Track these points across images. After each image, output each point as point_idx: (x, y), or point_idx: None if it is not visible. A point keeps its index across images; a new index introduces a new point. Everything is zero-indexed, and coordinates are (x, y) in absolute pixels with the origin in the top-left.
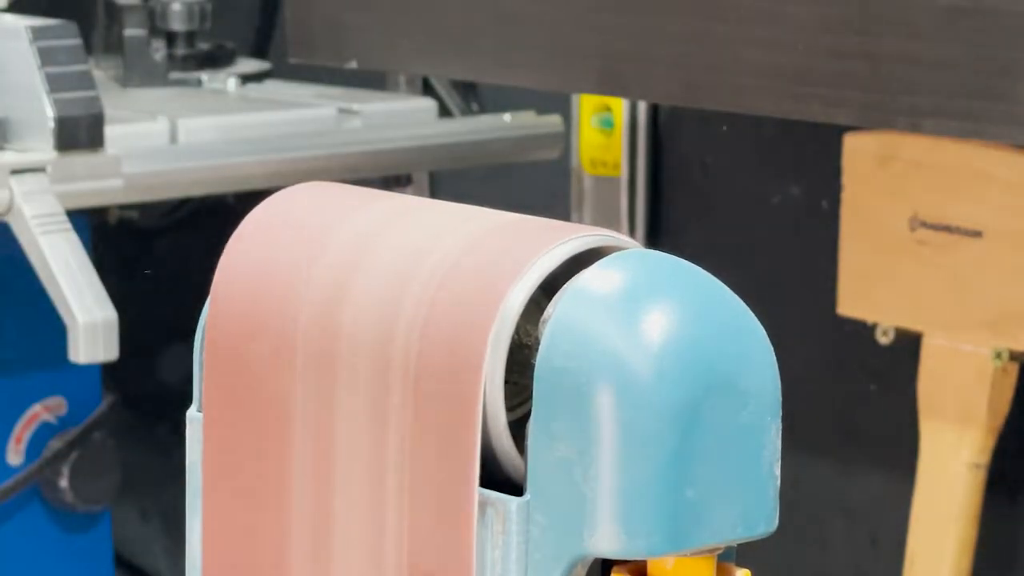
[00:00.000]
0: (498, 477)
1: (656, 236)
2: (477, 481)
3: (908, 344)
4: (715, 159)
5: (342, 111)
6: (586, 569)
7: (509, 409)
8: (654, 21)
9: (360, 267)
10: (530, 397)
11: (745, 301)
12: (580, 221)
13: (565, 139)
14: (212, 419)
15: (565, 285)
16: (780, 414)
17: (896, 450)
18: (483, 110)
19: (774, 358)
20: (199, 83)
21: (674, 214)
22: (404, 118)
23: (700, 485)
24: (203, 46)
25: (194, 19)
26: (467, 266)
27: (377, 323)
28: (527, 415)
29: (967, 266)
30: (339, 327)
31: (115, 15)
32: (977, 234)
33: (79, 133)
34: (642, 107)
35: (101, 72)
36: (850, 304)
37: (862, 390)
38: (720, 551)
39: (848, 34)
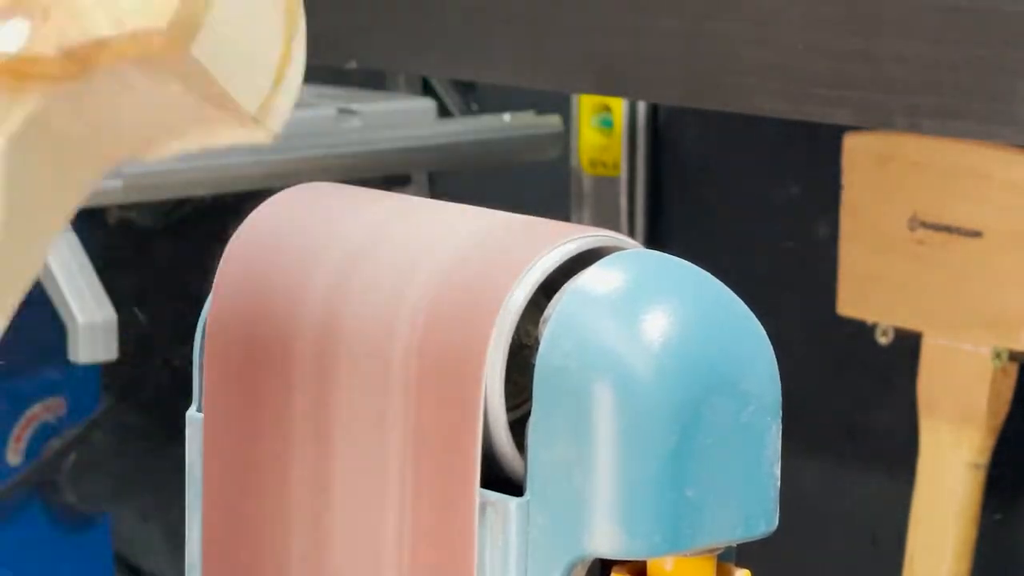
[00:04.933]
0: (498, 477)
1: (656, 236)
2: (478, 482)
3: (908, 344)
4: (715, 159)
5: (341, 111)
6: (585, 569)
7: (508, 409)
8: (654, 21)
9: (360, 268)
10: (530, 397)
11: (745, 301)
12: (580, 221)
13: (565, 139)
14: (212, 419)
15: (565, 285)
16: (780, 414)
17: (896, 450)
18: (483, 110)
19: (774, 358)
20: None
21: (674, 214)
22: (403, 118)
23: (700, 485)
24: None
25: None
26: (467, 266)
27: (378, 324)
28: (527, 415)
29: (967, 266)
30: (340, 327)
31: None
32: (977, 234)
33: None
34: (642, 107)
35: None
36: (850, 304)
37: (862, 390)
38: (720, 551)
39: (848, 34)
